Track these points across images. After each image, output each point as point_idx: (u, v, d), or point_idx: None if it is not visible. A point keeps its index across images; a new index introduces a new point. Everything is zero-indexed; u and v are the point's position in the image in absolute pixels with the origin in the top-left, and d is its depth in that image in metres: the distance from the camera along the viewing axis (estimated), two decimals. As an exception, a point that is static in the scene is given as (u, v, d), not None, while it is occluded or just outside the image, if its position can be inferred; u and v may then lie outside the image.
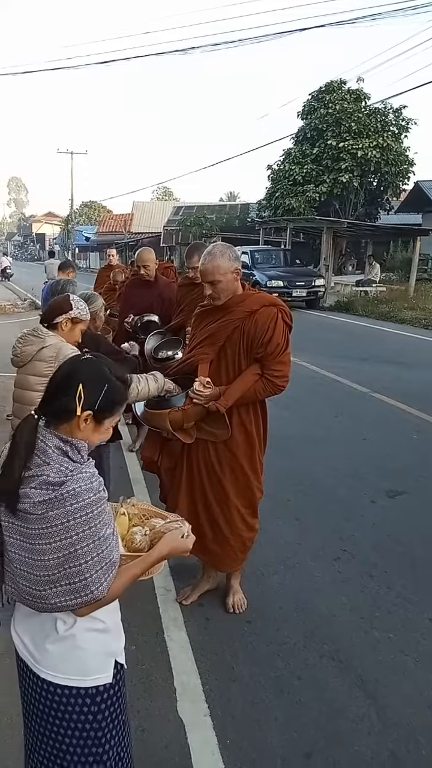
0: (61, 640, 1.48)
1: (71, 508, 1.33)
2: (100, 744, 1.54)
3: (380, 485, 4.89)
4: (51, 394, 1.47)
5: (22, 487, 1.37)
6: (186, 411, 2.80)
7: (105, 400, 1.46)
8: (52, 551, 1.34)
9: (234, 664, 2.77)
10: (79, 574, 1.35)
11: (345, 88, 24.09)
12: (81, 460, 1.44)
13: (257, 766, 2.25)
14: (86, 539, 1.35)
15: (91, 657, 1.51)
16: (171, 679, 2.67)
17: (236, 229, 29.85)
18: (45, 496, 1.34)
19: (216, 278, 2.76)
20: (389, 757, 2.30)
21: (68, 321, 2.96)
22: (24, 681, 1.58)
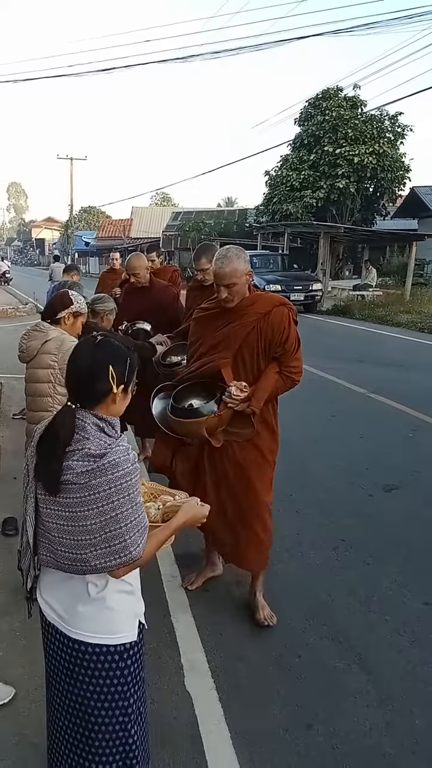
0: (92, 602, 1.61)
1: (112, 477, 1.48)
2: (126, 698, 1.68)
3: (377, 480, 5.04)
4: (82, 383, 1.59)
5: (65, 460, 1.52)
6: (222, 416, 2.81)
7: (129, 370, 1.64)
8: (94, 516, 1.48)
9: (238, 644, 2.91)
10: (119, 536, 1.49)
11: (342, 95, 24.34)
12: (116, 435, 1.60)
13: (261, 734, 2.39)
14: (125, 504, 1.49)
15: (120, 617, 1.65)
16: (178, 657, 2.81)
17: (234, 235, 30.05)
18: (88, 467, 1.49)
19: (233, 281, 2.78)
20: (385, 727, 2.44)
21: (70, 315, 3.16)
22: (52, 645, 1.71)
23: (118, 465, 1.49)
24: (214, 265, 2.82)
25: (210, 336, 2.97)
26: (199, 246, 4.03)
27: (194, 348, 3.10)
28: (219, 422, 2.81)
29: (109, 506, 1.48)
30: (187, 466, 3.07)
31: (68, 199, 46.14)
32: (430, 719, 2.49)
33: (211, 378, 2.92)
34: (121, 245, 37.97)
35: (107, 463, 1.48)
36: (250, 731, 2.41)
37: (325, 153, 23.65)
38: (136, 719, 1.74)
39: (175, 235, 32.73)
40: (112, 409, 1.62)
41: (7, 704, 2.45)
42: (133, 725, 1.72)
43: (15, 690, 2.49)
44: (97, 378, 1.58)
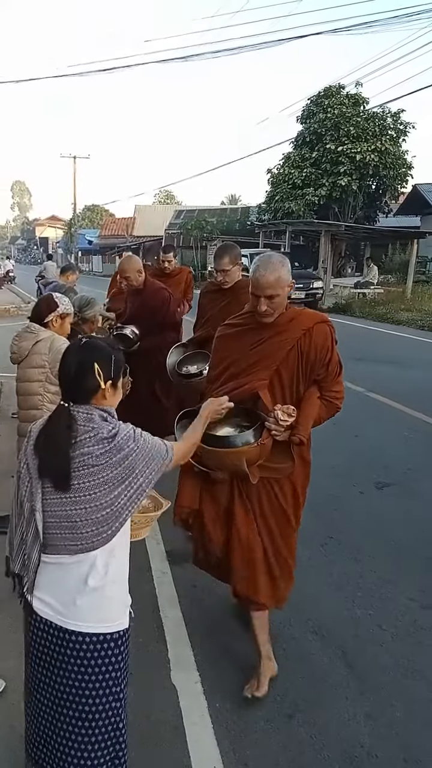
0: (92, 592, 1.72)
1: (128, 450, 1.70)
2: (118, 683, 1.78)
3: (369, 478, 5.11)
4: (72, 382, 1.76)
5: (77, 449, 1.68)
6: (264, 446, 2.43)
7: (115, 367, 1.80)
8: (117, 485, 1.69)
9: (224, 638, 2.99)
10: (133, 482, 1.72)
11: (343, 93, 24.32)
12: (117, 422, 1.77)
13: (243, 725, 2.47)
14: (141, 461, 1.73)
15: (115, 605, 1.78)
16: (165, 651, 2.88)
17: (236, 233, 30.08)
18: (105, 448, 1.68)
19: (276, 292, 2.45)
20: (365, 718, 2.51)
21: (57, 318, 3.29)
22: (43, 641, 1.77)
23: (129, 437, 1.72)
24: (254, 272, 2.47)
25: (243, 355, 2.61)
26: (220, 245, 3.81)
27: (223, 368, 2.70)
28: (260, 453, 2.44)
29: (132, 475, 1.71)
30: (217, 510, 2.68)
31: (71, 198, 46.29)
32: (410, 711, 2.56)
33: (244, 402, 2.56)
34: (124, 243, 38.08)
35: (120, 439, 1.70)
36: (233, 723, 2.48)
37: (327, 151, 23.64)
38: (124, 705, 1.83)
39: (178, 233, 32.78)
40: (104, 404, 1.78)
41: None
42: (123, 710, 1.83)
43: (5, 683, 2.57)
44: (84, 376, 1.74)
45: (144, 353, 4.58)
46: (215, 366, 2.80)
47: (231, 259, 3.57)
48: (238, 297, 3.47)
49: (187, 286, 6.16)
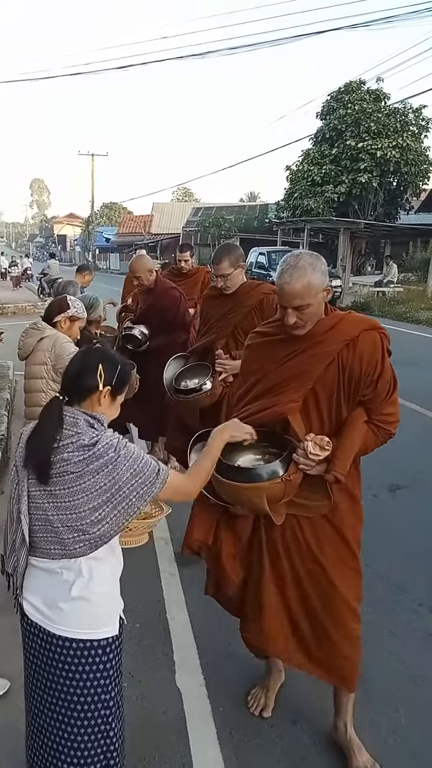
0: (75, 600, 1.70)
1: (108, 458, 1.62)
2: (107, 691, 1.77)
3: (382, 480, 5.05)
4: (74, 376, 1.76)
5: (58, 454, 1.65)
6: (291, 481, 2.03)
7: (119, 378, 1.78)
8: (99, 495, 1.62)
9: (230, 641, 2.96)
10: (124, 499, 1.63)
11: (364, 89, 24.12)
12: (103, 429, 1.71)
13: (246, 730, 2.46)
14: (125, 472, 1.63)
15: (101, 612, 1.75)
16: (171, 653, 2.88)
17: (254, 230, 30.05)
18: (83, 455, 1.62)
19: (306, 301, 2.03)
20: (369, 725, 2.49)
21: (66, 319, 3.30)
22: (34, 644, 1.79)
23: (110, 445, 1.64)
24: (279, 279, 2.09)
25: (273, 370, 2.22)
26: (219, 246, 3.47)
27: (250, 384, 2.32)
28: (286, 490, 2.04)
29: (111, 482, 1.62)
30: (235, 547, 2.34)
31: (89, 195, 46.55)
32: (415, 717, 2.53)
33: (271, 426, 2.18)
34: (141, 241, 38.17)
35: (101, 447, 1.63)
36: (237, 727, 2.47)
37: (347, 147, 23.46)
38: (115, 712, 1.81)
39: (195, 230, 32.79)
40: (97, 409, 1.75)
41: (2, 697, 2.55)
42: (114, 719, 1.80)
43: (9, 683, 2.59)
44: (86, 373, 1.73)
45: (153, 353, 4.56)
46: (242, 381, 2.43)
47: (231, 261, 3.28)
48: (242, 303, 3.33)
49: (204, 286, 5.91)
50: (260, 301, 3.26)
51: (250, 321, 3.23)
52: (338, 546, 2.22)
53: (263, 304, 3.25)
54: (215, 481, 2.06)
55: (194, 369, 3.54)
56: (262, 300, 3.25)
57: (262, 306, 3.25)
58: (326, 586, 2.21)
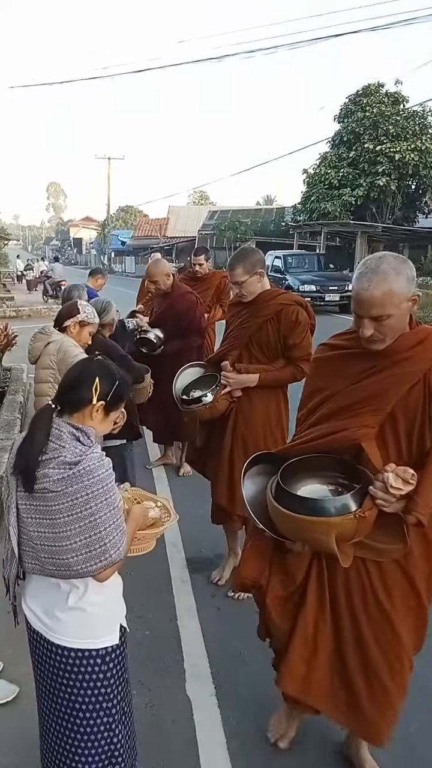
0: (72, 609, 1.68)
1: (88, 483, 1.54)
2: (109, 699, 1.75)
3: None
4: (68, 387, 1.72)
5: (40, 468, 1.58)
6: (365, 518, 1.75)
7: (115, 393, 1.72)
8: (72, 522, 1.55)
9: (242, 650, 2.93)
10: (98, 541, 1.56)
11: (383, 91, 24.03)
12: (90, 444, 1.65)
13: (256, 740, 2.41)
14: (102, 509, 1.56)
15: (99, 622, 1.72)
16: (181, 661, 2.85)
17: (270, 234, 30.02)
18: (63, 474, 1.55)
19: (387, 311, 1.78)
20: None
21: (76, 324, 3.29)
22: (37, 650, 1.79)
23: (93, 471, 1.56)
24: (355, 284, 1.84)
25: (344, 388, 1.95)
26: (234, 254, 3.20)
27: (316, 403, 2.06)
28: (359, 528, 1.76)
29: (86, 512, 1.55)
30: (286, 589, 2.09)
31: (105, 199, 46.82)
32: (426, 729, 2.48)
33: (340, 454, 1.94)
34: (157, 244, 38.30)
35: (82, 470, 1.55)
36: (247, 737, 2.43)
37: (365, 150, 23.39)
38: (120, 719, 1.80)
39: (211, 234, 32.83)
40: (88, 423, 1.69)
41: (11, 702, 2.54)
42: (117, 725, 1.79)
43: (19, 688, 2.57)
44: (81, 384, 1.69)
45: (168, 357, 4.55)
46: (306, 400, 2.14)
47: (245, 268, 3.04)
48: (257, 313, 3.10)
49: (221, 290, 5.88)
50: (277, 313, 3.04)
51: (264, 333, 3.09)
52: (407, 595, 1.98)
53: (281, 316, 3.04)
54: (274, 512, 1.85)
55: (207, 379, 3.37)
56: (280, 311, 3.04)
57: (280, 318, 3.04)
58: (388, 632, 1.98)
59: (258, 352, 3.15)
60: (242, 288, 3.05)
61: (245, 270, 3.02)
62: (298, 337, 3.03)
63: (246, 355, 3.18)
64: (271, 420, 3.24)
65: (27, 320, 14.79)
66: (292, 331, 3.02)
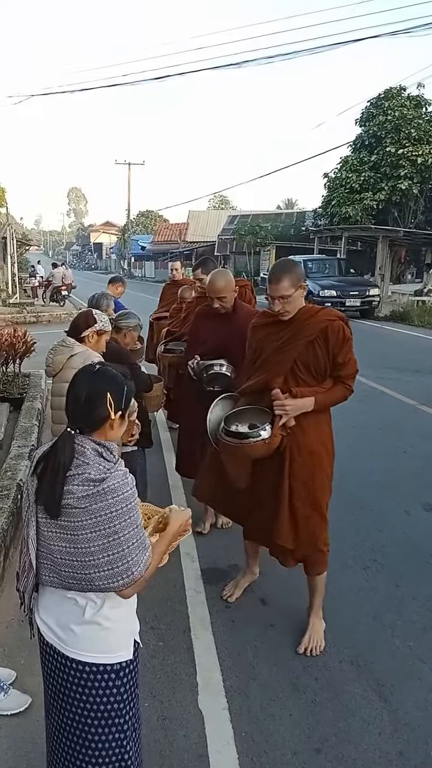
0: (88, 623, 1.68)
1: (112, 501, 1.56)
2: (122, 715, 1.74)
3: (416, 497, 4.92)
4: (82, 409, 1.67)
5: (66, 485, 1.59)
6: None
7: (127, 398, 1.73)
8: (95, 539, 1.57)
9: (255, 664, 2.92)
10: (121, 558, 1.58)
11: (405, 95, 23.88)
12: (113, 460, 1.67)
13: (269, 757, 2.39)
14: (126, 528, 1.58)
15: (115, 636, 1.72)
16: (194, 674, 2.83)
17: (291, 238, 29.94)
18: (88, 492, 1.56)
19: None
20: (397, 756, 2.40)
21: (94, 333, 3.29)
22: (50, 664, 1.78)
23: (117, 489, 1.57)
24: None
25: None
26: (277, 263, 2.92)
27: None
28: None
29: (110, 529, 1.56)
30: None
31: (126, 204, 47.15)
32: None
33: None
34: (177, 249, 38.40)
35: (107, 488, 1.56)
36: (258, 753, 2.41)
37: (387, 154, 23.24)
38: (131, 735, 1.79)
39: (231, 238, 32.85)
40: (110, 435, 1.70)
41: (23, 712, 2.55)
42: (129, 741, 1.78)
43: (31, 699, 2.58)
44: (95, 404, 1.66)
45: None
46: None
47: (292, 281, 2.72)
48: (302, 332, 2.80)
49: (247, 302, 4.75)
50: (323, 330, 2.77)
51: (312, 354, 2.82)
52: None
53: (327, 333, 2.77)
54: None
55: (245, 413, 2.98)
56: (326, 328, 2.77)
57: (327, 335, 2.78)
58: None
59: (306, 376, 2.87)
60: (286, 303, 2.77)
61: (292, 283, 2.75)
62: (347, 354, 2.83)
63: (292, 380, 2.87)
64: (326, 446, 3.00)
65: (47, 326, 14.92)
66: (341, 348, 2.80)
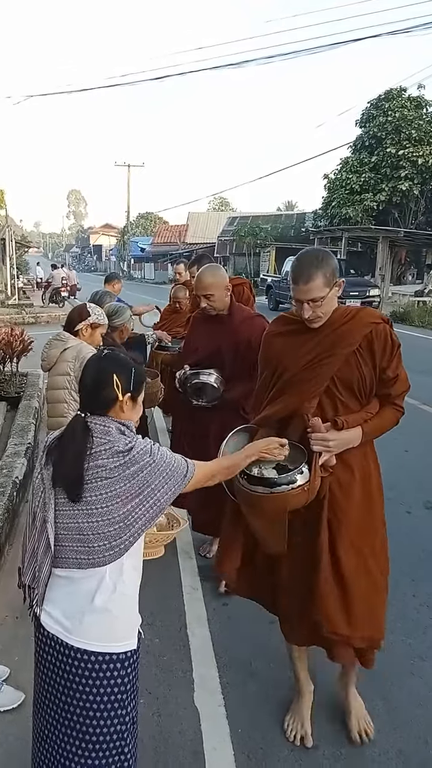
0: (99, 611, 1.67)
1: (144, 463, 1.66)
2: (124, 707, 1.72)
3: (417, 496, 4.88)
4: (90, 393, 1.75)
5: (92, 461, 1.65)
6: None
7: (135, 380, 1.77)
8: (132, 499, 1.65)
9: (252, 661, 2.88)
10: (151, 495, 1.67)
11: (405, 96, 23.88)
12: (134, 436, 1.74)
13: (265, 753, 2.36)
14: (159, 481, 1.68)
15: (123, 624, 1.72)
16: (190, 671, 2.80)
17: (291, 239, 29.91)
18: (120, 461, 1.65)
19: None
20: (397, 755, 2.36)
21: (87, 327, 3.29)
22: (49, 656, 1.73)
23: (146, 452, 1.68)
24: None
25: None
26: (302, 255, 2.23)
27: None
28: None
29: (148, 489, 1.66)
30: None
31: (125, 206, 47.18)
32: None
33: None
34: (176, 251, 38.41)
35: (136, 453, 1.66)
36: (255, 750, 2.38)
37: (388, 155, 23.23)
38: (131, 728, 1.77)
39: (230, 240, 32.85)
40: (121, 416, 1.76)
41: (17, 709, 2.51)
42: (129, 734, 1.75)
43: (24, 696, 2.54)
44: (102, 386, 1.72)
45: (221, 410, 3.26)
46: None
47: (326, 277, 2.11)
48: (343, 338, 2.15)
49: (245, 301, 4.25)
50: (366, 337, 2.15)
51: (355, 369, 2.16)
52: None
53: (372, 340, 2.15)
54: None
55: None
56: (370, 334, 2.15)
57: (371, 344, 2.15)
58: None
59: (348, 397, 2.20)
60: (318, 307, 2.13)
61: (326, 281, 2.11)
62: (397, 367, 2.20)
63: (329, 403, 2.21)
64: (373, 488, 2.37)
65: (45, 326, 14.87)
66: (391, 359, 2.17)
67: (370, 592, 2.23)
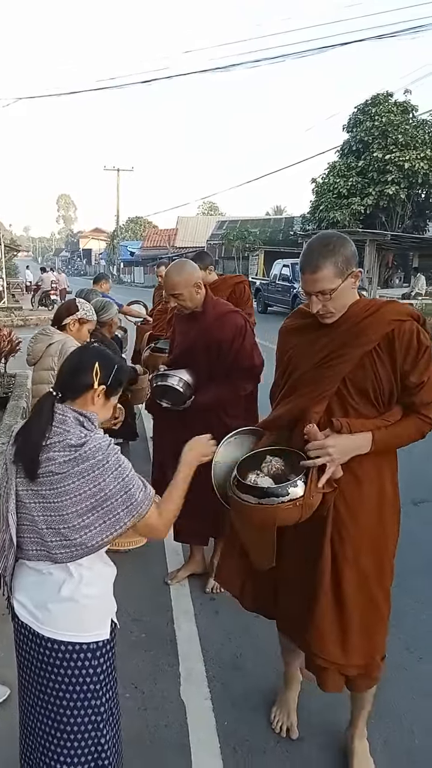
0: (64, 601, 1.65)
1: (95, 461, 1.56)
2: (98, 697, 1.70)
3: (407, 493, 4.85)
4: (68, 373, 1.73)
5: (45, 452, 1.59)
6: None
7: (115, 377, 1.74)
8: (84, 500, 1.56)
9: (239, 654, 2.88)
10: (111, 511, 1.57)
11: (392, 101, 24.05)
12: (93, 429, 1.66)
13: (251, 745, 2.36)
14: (112, 483, 1.57)
15: (91, 615, 1.69)
16: (177, 665, 2.79)
17: (279, 243, 30.03)
18: (69, 456, 1.57)
19: None
20: (382, 745, 2.37)
21: (75, 322, 3.28)
22: (24, 645, 1.74)
23: (99, 449, 1.58)
24: None
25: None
26: (313, 241, 1.96)
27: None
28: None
29: (97, 488, 1.56)
30: None
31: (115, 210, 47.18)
32: (430, 739, 2.40)
33: None
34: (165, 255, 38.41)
35: (88, 450, 1.57)
36: (241, 742, 2.38)
37: (374, 159, 23.35)
38: (107, 719, 1.75)
39: (220, 244, 32.93)
40: (89, 408, 1.71)
41: (2, 704, 2.49)
42: (105, 725, 1.74)
43: (9, 690, 2.53)
44: (81, 370, 1.70)
45: (199, 414, 3.02)
46: None
47: (337, 267, 1.87)
48: (359, 335, 1.92)
49: (240, 300, 4.26)
50: (388, 335, 1.90)
51: (370, 370, 1.92)
52: None
53: (393, 339, 1.89)
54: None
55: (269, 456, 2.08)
56: (392, 332, 1.89)
57: (392, 343, 1.90)
58: None
59: (361, 403, 1.97)
60: (330, 300, 1.90)
61: (337, 271, 1.87)
62: (424, 371, 1.91)
63: (339, 408, 1.99)
64: (386, 508, 2.12)
65: (34, 329, 14.80)
66: (416, 362, 1.89)
67: (371, 622, 2.08)
